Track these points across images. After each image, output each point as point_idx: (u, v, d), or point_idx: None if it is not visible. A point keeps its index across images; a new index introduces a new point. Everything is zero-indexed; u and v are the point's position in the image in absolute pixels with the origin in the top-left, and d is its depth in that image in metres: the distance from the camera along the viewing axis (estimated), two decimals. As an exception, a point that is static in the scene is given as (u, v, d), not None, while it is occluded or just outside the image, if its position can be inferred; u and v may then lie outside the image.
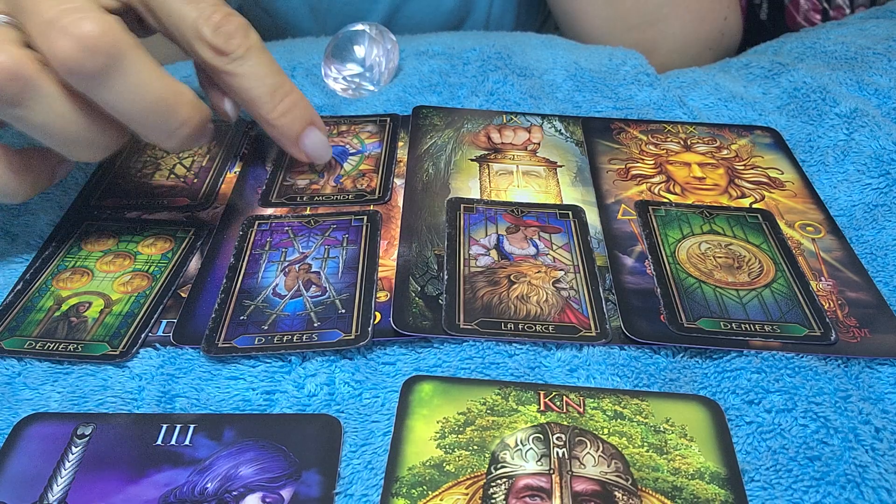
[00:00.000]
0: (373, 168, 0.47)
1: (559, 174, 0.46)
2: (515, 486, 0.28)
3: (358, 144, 0.49)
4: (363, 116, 0.52)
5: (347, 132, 0.50)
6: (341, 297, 0.36)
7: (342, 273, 0.38)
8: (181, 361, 0.34)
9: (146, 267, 0.39)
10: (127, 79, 0.33)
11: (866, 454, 0.30)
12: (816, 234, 0.41)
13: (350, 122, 0.51)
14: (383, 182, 0.45)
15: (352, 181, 0.45)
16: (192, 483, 0.29)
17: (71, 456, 0.29)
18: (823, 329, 0.35)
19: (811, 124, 0.51)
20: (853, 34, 0.61)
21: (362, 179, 0.46)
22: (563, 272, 0.38)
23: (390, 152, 0.48)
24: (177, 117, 0.35)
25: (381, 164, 0.47)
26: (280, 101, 0.40)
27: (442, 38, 0.61)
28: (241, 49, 0.38)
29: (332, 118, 0.52)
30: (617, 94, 0.54)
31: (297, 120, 0.41)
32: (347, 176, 0.46)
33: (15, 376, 0.33)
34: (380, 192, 0.44)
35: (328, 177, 0.46)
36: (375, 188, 0.45)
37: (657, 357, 0.34)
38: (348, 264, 0.39)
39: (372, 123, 0.51)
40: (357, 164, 0.47)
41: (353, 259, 0.39)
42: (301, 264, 0.39)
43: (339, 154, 0.48)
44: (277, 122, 0.40)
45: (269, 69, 0.39)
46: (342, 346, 0.34)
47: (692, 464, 0.29)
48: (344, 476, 0.29)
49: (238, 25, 0.38)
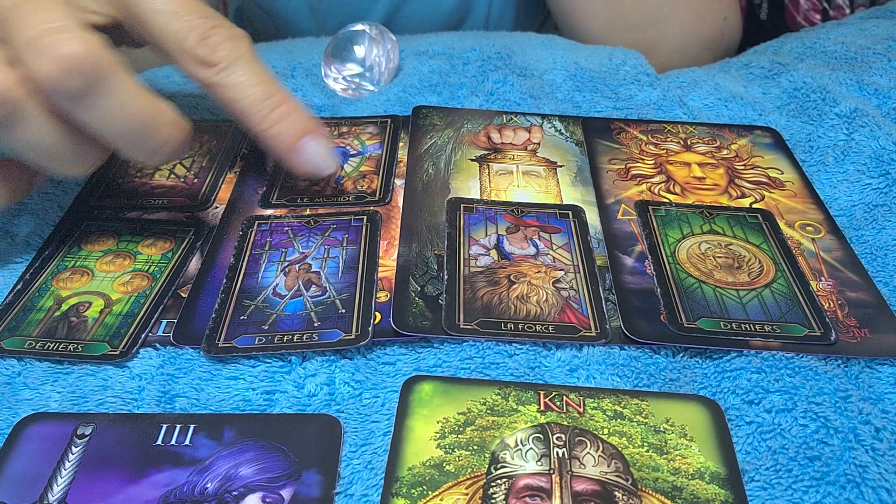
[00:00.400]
0: (373, 170, 0.47)
1: (559, 174, 0.46)
2: (515, 486, 0.28)
3: (358, 146, 0.49)
4: (364, 118, 0.52)
5: (348, 133, 0.50)
6: (341, 297, 0.36)
7: (342, 273, 0.38)
8: (181, 361, 0.34)
9: (146, 267, 0.39)
10: (108, 99, 0.32)
11: (866, 454, 0.30)
12: (816, 234, 0.41)
13: (351, 123, 0.51)
14: (384, 184, 0.45)
15: (352, 182, 0.45)
16: (192, 483, 0.29)
17: (71, 456, 0.29)
18: (823, 329, 0.35)
19: (811, 124, 0.51)
20: (853, 34, 0.61)
21: (363, 181, 0.45)
22: (563, 272, 0.38)
23: (391, 154, 0.48)
24: (158, 136, 0.34)
25: (381, 166, 0.47)
26: (272, 111, 0.38)
27: (442, 38, 0.61)
28: (227, 59, 0.36)
29: (333, 119, 0.51)
30: (617, 94, 0.54)
31: (293, 129, 0.39)
32: (348, 177, 0.46)
33: (15, 376, 0.33)
34: (380, 194, 0.44)
35: (329, 178, 0.46)
36: (376, 190, 0.45)
37: (657, 357, 0.34)
38: (348, 264, 0.39)
39: (372, 125, 0.51)
40: (358, 165, 0.47)
41: (353, 259, 0.39)
42: (301, 264, 0.39)
43: (339, 155, 0.48)
44: (270, 133, 0.38)
45: (259, 78, 0.37)
46: (342, 346, 0.34)
47: (692, 464, 0.29)
48: (344, 476, 0.29)
49: (226, 36, 0.36)
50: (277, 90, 0.38)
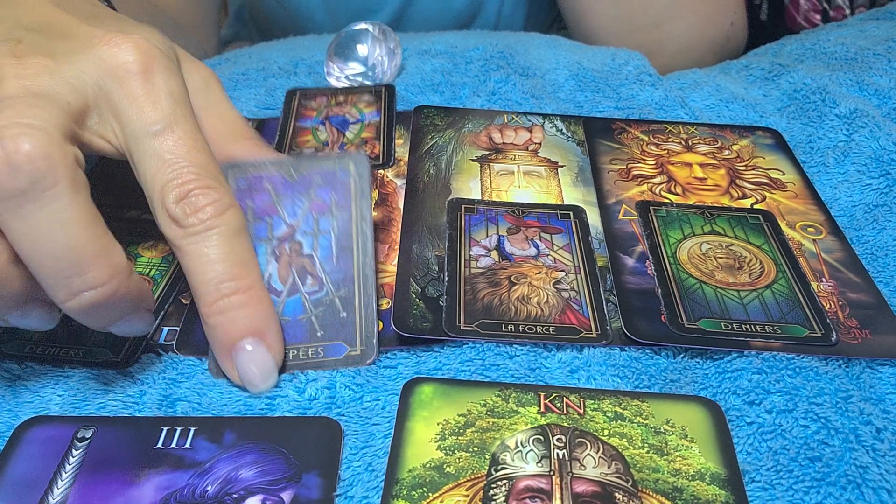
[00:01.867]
0: (374, 136, 0.48)
1: (560, 174, 0.46)
2: (516, 488, 0.28)
3: (357, 114, 0.51)
4: (358, 87, 0.54)
5: (345, 102, 0.52)
6: (340, 294, 0.36)
7: (336, 257, 0.36)
8: (183, 366, 0.34)
9: (147, 270, 0.39)
10: (41, 212, 0.28)
11: (867, 455, 0.30)
12: (817, 234, 0.41)
13: (347, 92, 0.53)
14: (386, 148, 0.47)
15: (355, 148, 0.47)
16: (192, 486, 0.29)
17: (71, 459, 0.30)
18: (824, 330, 0.35)
19: (811, 125, 0.51)
20: (853, 35, 0.61)
21: (365, 146, 0.48)
22: (564, 273, 0.38)
23: (388, 119, 0.50)
24: (83, 275, 0.28)
25: (381, 131, 0.49)
26: (223, 297, 0.31)
27: (445, 38, 0.61)
28: (200, 226, 0.31)
29: (329, 90, 0.53)
30: (619, 95, 0.54)
31: (234, 325, 0.32)
32: (350, 143, 0.48)
33: (15, 379, 0.33)
34: (384, 158, 0.47)
35: (332, 145, 0.47)
36: (379, 154, 0.47)
37: (658, 358, 0.34)
38: (341, 241, 0.37)
39: (368, 93, 0.53)
40: (358, 132, 0.49)
41: (346, 234, 0.37)
42: (291, 243, 0.37)
43: (339, 123, 0.50)
44: (208, 322, 0.32)
45: (227, 256, 0.31)
46: (349, 365, 0.34)
47: (693, 465, 0.29)
48: (344, 478, 0.29)
49: (212, 201, 0.31)
50: (245, 275, 0.32)
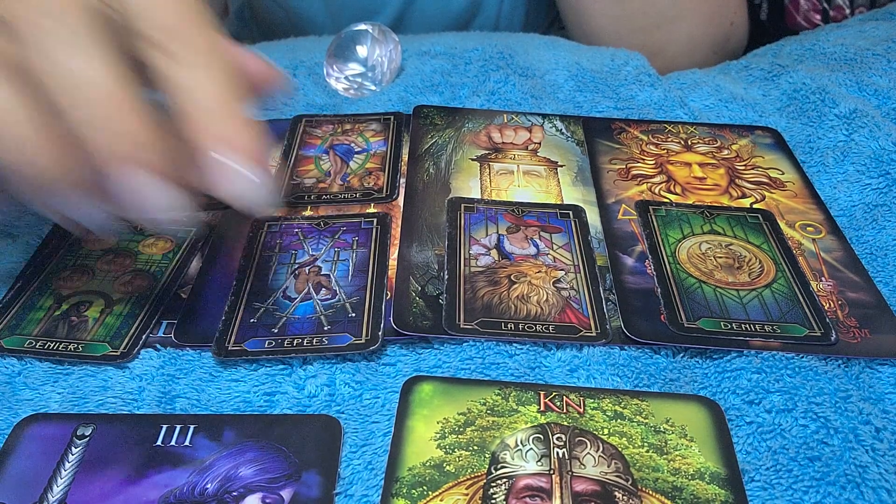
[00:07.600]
0: (379, 166, 0.47)
1: (560, 174, 0.46)
2: (515, 487, 0.28)
3: (363, 143, 0.49)
4: (366, 115, 0.52)
5: (352, 131, 0.50)
6: (351, 301, 0.36)
7: (352, 276, 0.38)
8: (182, 362, 0.34)
9: (147, 267, 0.39)
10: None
11: (866, 454, 0.30)
12: (817, 234, 0.41)
13: (354, 120, 0.51)
14: (390, 180, 0.45)
15: (359, 179, 0.46)
16: (191, 484, 0.29)
17: (71, 456, 0.29)
18: (824, 329, 0.35)
19: (811, 125, 0.51)
20: (852, 36, 0.61)
21: (369, 178, 0.46)
22: (564, 272, 0.38)
23: (395, 150, 0.48)
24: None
25: (387, 162, 0.47)
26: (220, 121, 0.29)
27: (444, 38, 0.61)
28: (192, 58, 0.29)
29: (336, 117, 0.52)
30: (618, 95, 0.54)
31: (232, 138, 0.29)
32: (354, 174, 0.46)
33: (15, 376, 0.33)
34: (387, 191, 0.44)
35: (335, 176, 0.46)
36: (382, 186, 0.45)
37: (657, 357, 0.34)
38: (358, 267, 0.39)
39: (376, 122, 0.51)
40: (363, 162, 0.47)
41: (363, 262, 0.39)
42: (311, 267, 0.39)
43: (344, 153, 0.48)
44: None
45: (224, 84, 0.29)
46: (352, 351, 0.34)
47: (692, 464, 0.29)
48: (344, 476, 0.29)
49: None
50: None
